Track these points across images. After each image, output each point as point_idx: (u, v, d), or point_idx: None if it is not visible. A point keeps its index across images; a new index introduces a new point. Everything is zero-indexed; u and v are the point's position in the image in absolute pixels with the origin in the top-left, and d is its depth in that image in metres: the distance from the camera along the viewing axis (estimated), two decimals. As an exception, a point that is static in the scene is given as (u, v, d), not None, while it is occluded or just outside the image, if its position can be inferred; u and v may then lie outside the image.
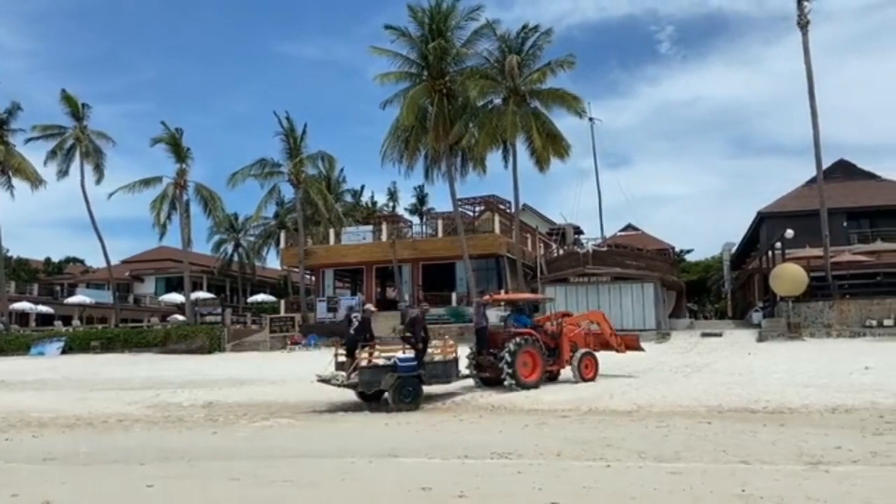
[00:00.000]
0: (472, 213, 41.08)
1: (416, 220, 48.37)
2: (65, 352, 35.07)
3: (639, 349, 18.96)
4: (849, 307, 28.64)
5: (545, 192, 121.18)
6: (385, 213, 52.31)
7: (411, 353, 14.04)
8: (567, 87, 33.87)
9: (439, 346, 14.89)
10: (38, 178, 42.16)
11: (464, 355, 15.80)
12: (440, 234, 37.33)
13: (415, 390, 13.88)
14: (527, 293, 27.86)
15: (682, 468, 7.35)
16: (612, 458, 8.16)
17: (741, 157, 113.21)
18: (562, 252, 38.96)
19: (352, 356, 14.02)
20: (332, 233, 39.73)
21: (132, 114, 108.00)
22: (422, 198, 56.16)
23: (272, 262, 57.12)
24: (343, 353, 14.48)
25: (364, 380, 13.65)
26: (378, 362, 13.89)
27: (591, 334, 17.62)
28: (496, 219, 36.31)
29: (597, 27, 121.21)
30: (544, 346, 15.85)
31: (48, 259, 66.56)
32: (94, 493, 6.85)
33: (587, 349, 16.67)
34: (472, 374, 15.87)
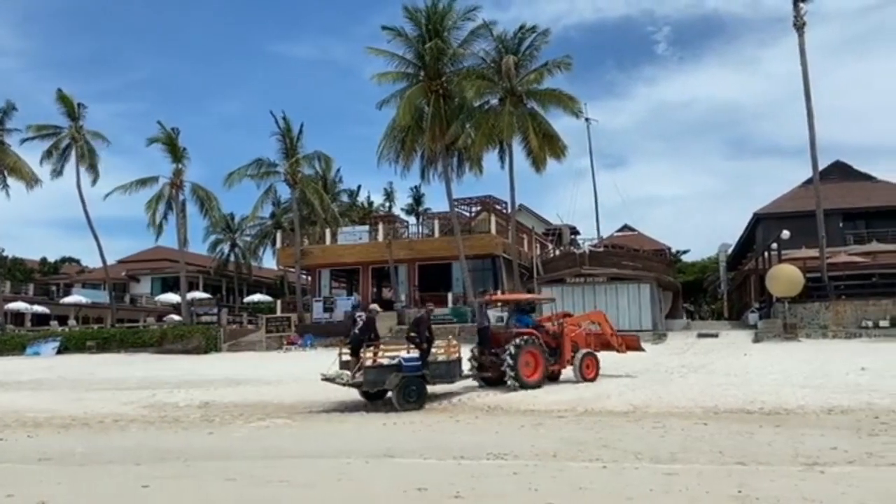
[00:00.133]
0: (468, 214, 41.09)
1: (412, 220, 48.57)
2: (60, 352, 34.96)
3: (639, 349, 19.01)
4: (845, 308, 28.70)
5: (541, 193, 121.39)
6: (381, 213, 52.33)
7: (416, 353, 14.08)
8: (563, 87, 33.92)
9: (443, 346, 14.93)
10: (33, 178, 42.04)
11: (463, 355, 15.78)
12: (436, 235, 37.36)
13: (419, 390, 13.90)
14: (527, 293, 27.86)
15: (678, 469, 7.35)
16: (609, 458, 8.16)
17: (737, 158, 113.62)
18: (558, 252, 39.03)
19: (356, 356, 14.05)
20: (328, 233, 39.74)
21: (128, 113, 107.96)
22: (418, 198, 56.33)
23: (268, 262, 57.10)
24: (347, 352, 14.51)
25: (369, 379, 13.68)
26: (383, 362, 13.92)
27: (592, 334, 17.65)
28: (492, 219, 36.32)
29: (593, 28, 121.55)
30: (546, 346, 15.86)
31: (44, 259, 66.43)
32: (89, 494, 6.84)
33: (588, 349, 16.70)
34: (474, 374, 15.88)
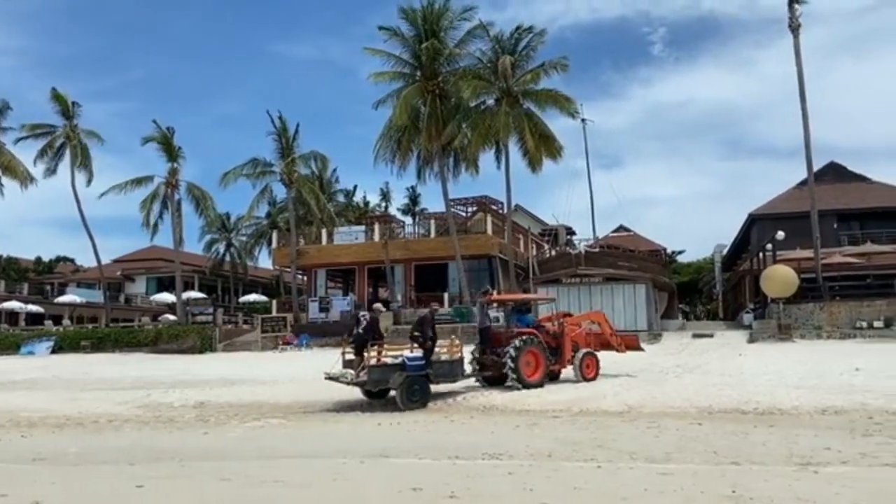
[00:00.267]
0: (464, 214, 41.12)
1: (408, 220, 48.44)
2: (55, 351, 34.90)
3: (639, 349, 19.19)
4: (839, 309, 28.78)
5: (537, 193, 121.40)
6: (377, 213, 52.28)
7: (419, 353, 14.15)
8: (560, 88, 34.03)
9: (445, 345, 15.03)
10: (27, 177, 41.90)
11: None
12: (432, 235, 37.35)
13: (422, 389, 13.97)
14: (523, 293, 27.90)
15: (672, 469, 7.36)
16: (603, 458, 8.16)
17: (733, 159, 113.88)
18: (554, 253, 39.05)
19: (360, 355, 14.11)
20: (324, 233, 39.71)
21: (124, 112, 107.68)
22: (414, 198, 56.27)
23: (264, 261, 57.02)
24: (351, 351, 14.57)
25: (373, 378, 13.74)
26: (387, 361, 13.99)
27: (592, 334, 17.74)
28: (488, 219, 36.35)
29: (589, 28, 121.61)
30: (546, 345, 15.94)
31: (38, 258, 66.15)
32: (83, 494, 6.81)
33: (588, 349, 16.79)
34: (476, 374, 15.95)
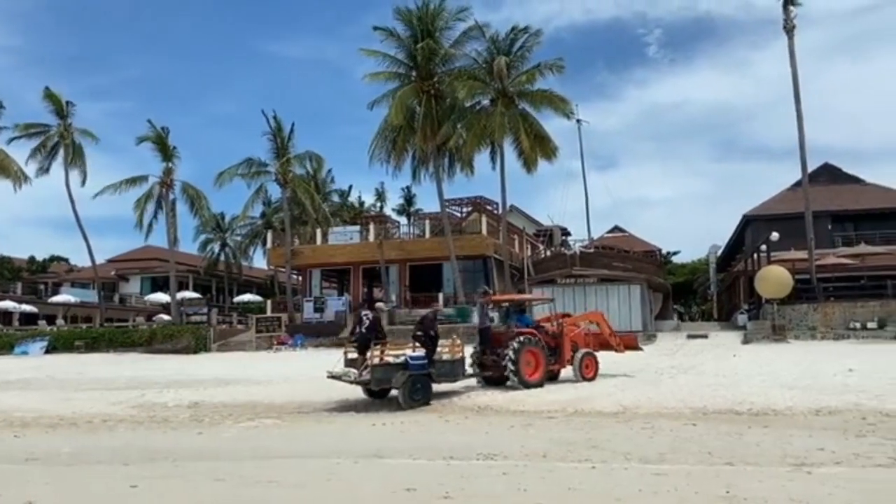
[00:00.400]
0: (459, 214, 41.13)
1: (403, 220, 48.44)
2: (49, 351, 34.76)
3: (638, 349, 19.37)
4: (833, 310, 28.88)
5: (532, 194, 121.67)
6: (372, 213, 52.27)
7: (422, 352, 14.21)
8: (555, 88, 34.10)
9: (447, 344, 15.12)
10: (21, 176, 41.74)
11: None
12: (427, 235, 37.38)
13: (425, 388, 14.04)
14: (522, 294, 27.98)
15: (667, 469, 7.36)
16: (598, 459, 8.16)
17: (728, 160, 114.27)
18: (549, 253, 39.06)
19: (363, 354, 14.15)
20: (319, 233, 39.69)
21: (119, 112, 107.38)
22: (409, 198, 56.25)
23: (259, 261, 56.97)
24: (353, 350, 14.63)
25: (376, 377, 13.78)
26: (389, 360, 14.03)
27: (591, 334, 17.81)
28: (483, 220, 36.38)
29: (584, 29, 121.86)
30: (545, 345, 16.00)
31: (32, 258, 65.89)
32: (77, 494, 6.79)
33: (587, 349, 16.84)
34: (476, 374, 16.01)
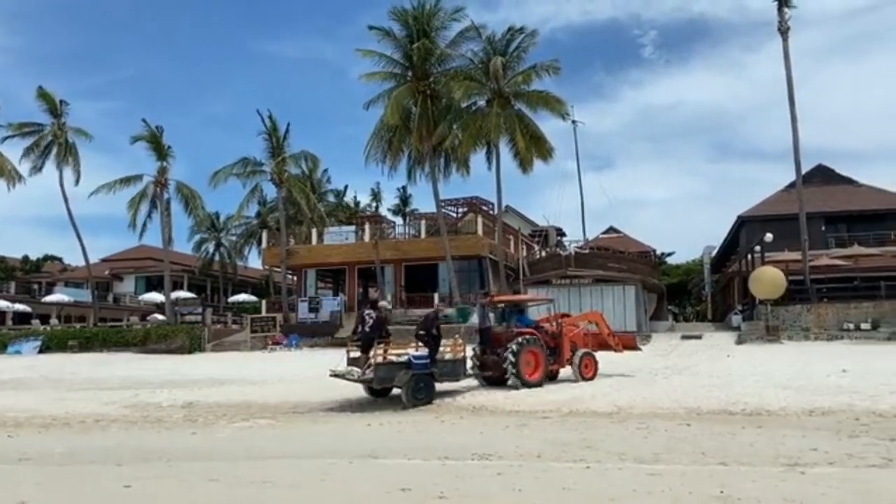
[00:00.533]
0: (455, 215, 41.14)
1: (398, 220, 48.52)
2: (42, 351, 34.64)
3: (636, 349, 19.55)
4: (826, 311, 29.00)
5: (528, 194, 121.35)
6: (368, 213, 52.20)
7: (425, 351, 14.29)
8: (551, 89, 34.12)
9: (449, 344, 15.22)
10: (15, 175, 41.52)
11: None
12: (423, 235, 37.36)
13: (427, 387, 14.11)
14: (518, 294, 28.06)
15: (661, 469, 7.38)
16: (592, 459, 8.18)
17: (722, 161, 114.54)
18: (544, 254, 39.15)
19: (366, 352, 14.19)
20: (314, 233, 39.64)
21: (114, 111, 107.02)
22: (405, 198, 56.23)
23: (254, 261, 56.78)
24: (356, 349, 14.65)
25: (379, 376, 13.84)
26: (392, 359, 14.09)
27: (590, 334, 17.88)
28: (479, 220, 36.39)
29: (580, 30, 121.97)
30: (545, 345, 16.05)
31: (26, 257, 65.56)
32: (70, 494, 6.77)
33: (587, 349, 16.91)
34: (476, 374, 16.06)
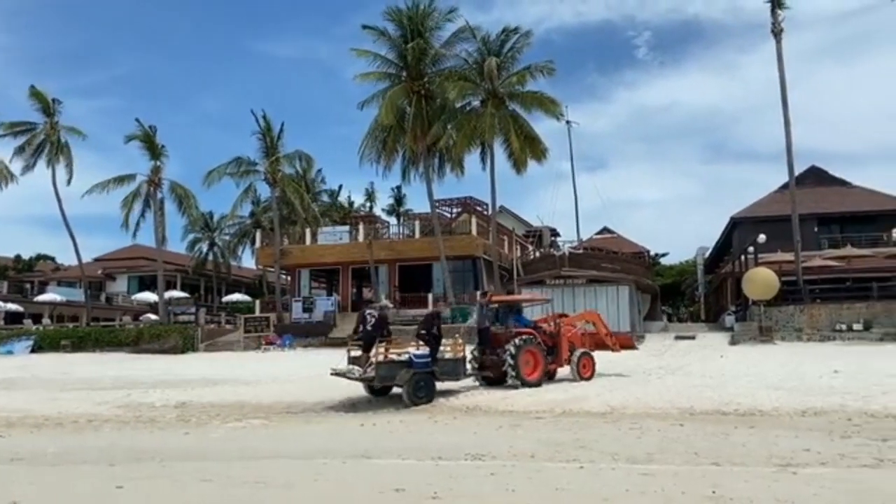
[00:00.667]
0: (449, 215, 41.14)
1: (393, 220, 48.42)
2: (34, 350, 34.51)
3: (633, 348, 19.81)
4: (819, 311, 29.07)
5: (522, 195, 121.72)
6: (362, 213, 52.14)
7: (426, 350, 14.35)
8: (545, 90, 34.18)
9: (449, 343, 15.32)
10: (7, 175, 41.36)
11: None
12: (417, 235, 37.36)
13: (428, 386, 14.18)
14: (512, 294, 28.13)
15: (654, 470, 7.40)
16: (586, 459, 8.19)
17: (716, 163, 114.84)
18: (538, 254, 39.15)
19: (367, 351, 14.24)
20: (308, 233, 39.56)
21: (108, 110, 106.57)
22: (399, 198, 56.14)
23: (247, 261, 56.69)
24: (358, 348, 14.69)
25: (380, 374, 13.91)
26: (394, 358, 14.14)
27: (588, 334, 17.93)
28: (473, 220, 36.39)
29: (574, 31, 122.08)
30: (544, 345, 16.12)
31: (18, 256, 65.22)
32: (62, 494, 6.74)
33: (585, 349, 16.97)
34: (475, 373, 16.12)
